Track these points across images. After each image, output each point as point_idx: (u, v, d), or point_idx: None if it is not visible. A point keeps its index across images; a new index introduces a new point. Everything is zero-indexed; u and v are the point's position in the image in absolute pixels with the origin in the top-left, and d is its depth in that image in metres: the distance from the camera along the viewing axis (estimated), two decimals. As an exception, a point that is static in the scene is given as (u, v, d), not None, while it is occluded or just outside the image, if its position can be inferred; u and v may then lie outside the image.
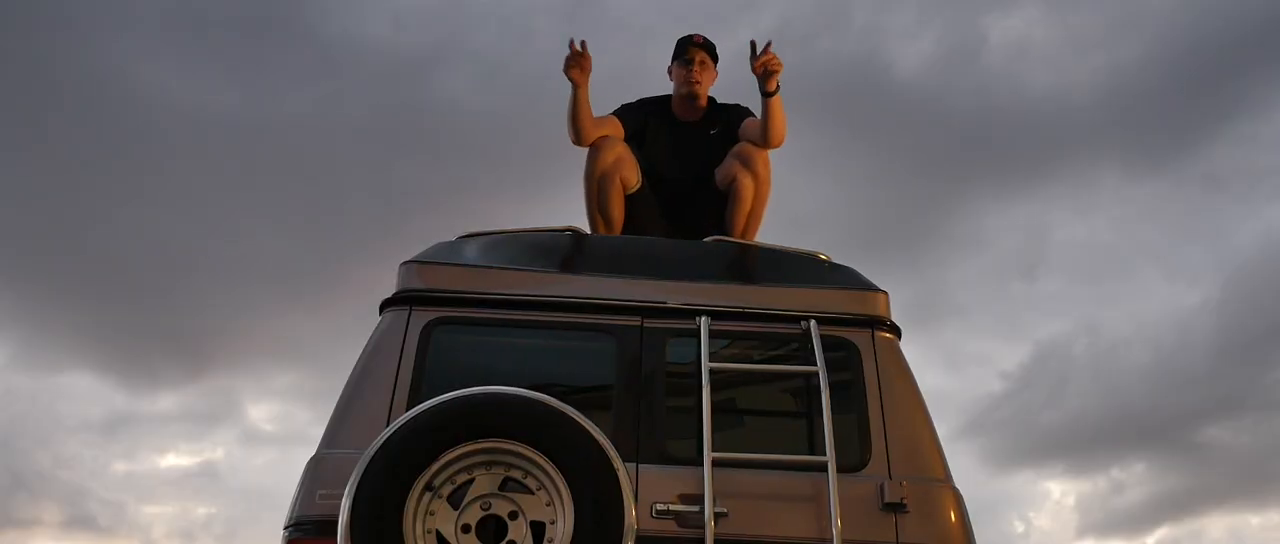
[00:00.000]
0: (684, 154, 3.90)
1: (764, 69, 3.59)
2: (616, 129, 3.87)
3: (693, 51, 3.94)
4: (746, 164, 3.73)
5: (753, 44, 3.63)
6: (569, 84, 3.69)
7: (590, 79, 3.72)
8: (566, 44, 3.67)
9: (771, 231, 3.91)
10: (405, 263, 3.12)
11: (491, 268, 3.12)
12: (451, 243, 3.29)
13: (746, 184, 3.72)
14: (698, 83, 3.92)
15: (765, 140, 3.74)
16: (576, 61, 3.67)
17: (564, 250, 3.32)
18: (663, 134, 3.91)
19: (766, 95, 3.62)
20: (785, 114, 3.70)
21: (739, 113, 3.95)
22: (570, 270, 3.14)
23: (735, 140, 3.90)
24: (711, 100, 4.01)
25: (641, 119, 3.94)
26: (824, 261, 3.30)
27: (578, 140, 3.80)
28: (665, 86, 4.08)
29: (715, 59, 4.00)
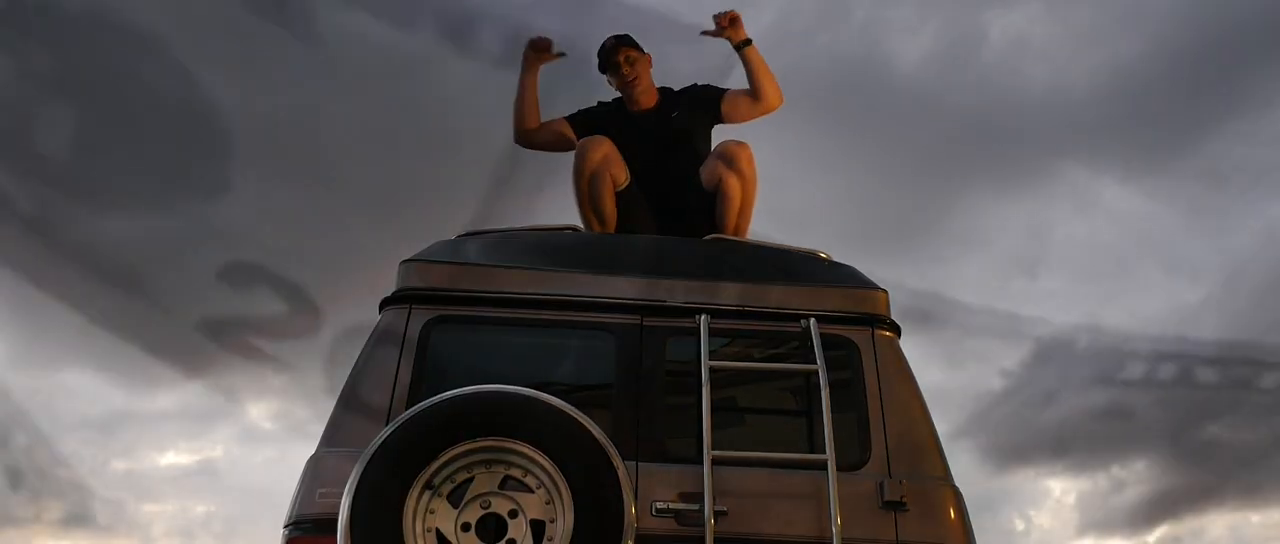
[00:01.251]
0: (652, 144, 3.90)
1: (729, 22, 3.65)
2: (566, 131, 3.91)
3: (616, 54, 3.96)
4: (730, 163, 3.71)
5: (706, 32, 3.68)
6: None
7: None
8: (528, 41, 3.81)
9: (770, 229, 3.90)
10: (405, 261, 3.12)
11: (491, 266, 3.12)
12: (451, 242, 3.29)
13: (732, 183, 3.71)
14: (634, 77, 3.95)
15: (759, 98, 3.79)
16: (537, 45, 3.79)
17: (563, 249, 3.32)
18: (624, 130, 3.91)
19: (742, 47, 3.67)
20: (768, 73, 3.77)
21: (705, 92, 3.97)
22: (569, 269, 3.14)
23: (706, 118, 3.93)
24: (663, 91, 4.02)
25: (598, 121, 3.95)
26: (823, 260, 3.30)
27: (520, 130, 3.92)
28: (672, 82, 4.10)
29: (639, 47, 4.01)
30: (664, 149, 3.89)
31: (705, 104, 3.94)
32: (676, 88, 4.03)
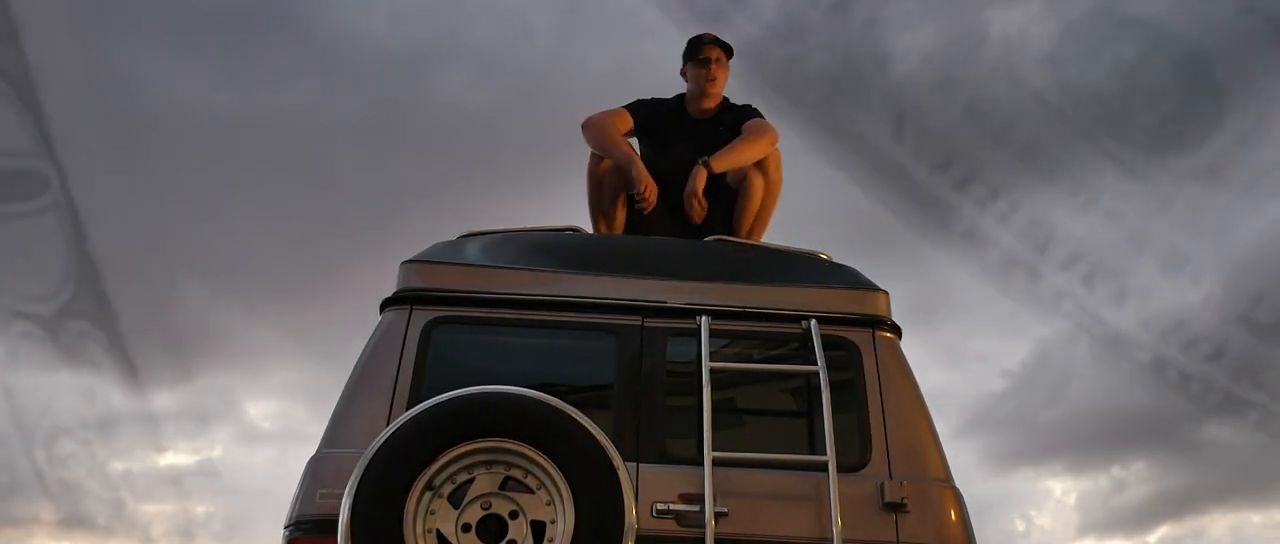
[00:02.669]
0: (695, 148, 3.91)
1: (700, 200, 3.68)
2: (626, 122, 3.89)
3: (708, 50, 3.95)
4: (758, 164, 3.74)
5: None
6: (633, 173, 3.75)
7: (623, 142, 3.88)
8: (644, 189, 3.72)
9: (771, 229, 3.92)
10: (405, 262, 3.12)
11: (492, 267, 3.12)
12: (452, 242, 3.29)
13: (757, 183, 3.73)
14: (714, 80, 3.94)
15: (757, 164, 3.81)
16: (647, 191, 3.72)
17: (564, 250, 3.32)
18: (678, 131, 3.92)
19: (712, 171, 3.70)
20: (742, 144, 3.79)
21: (748, 113, 3.97)
22: (571, 270, 3.14)
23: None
24: (724, 99, 4.03)
25: (656, 115, 3.95)
26: (824, 261, 3.31)
27: (597, 146, 3.88)
28: (668, 81, 4.11)
29: (730, 56, 4.01)
30: (703, 154, 3.90)
31: (740, 123, 3.95)
32: (736, 102, 4.05)
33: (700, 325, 2.94)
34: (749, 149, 3.76)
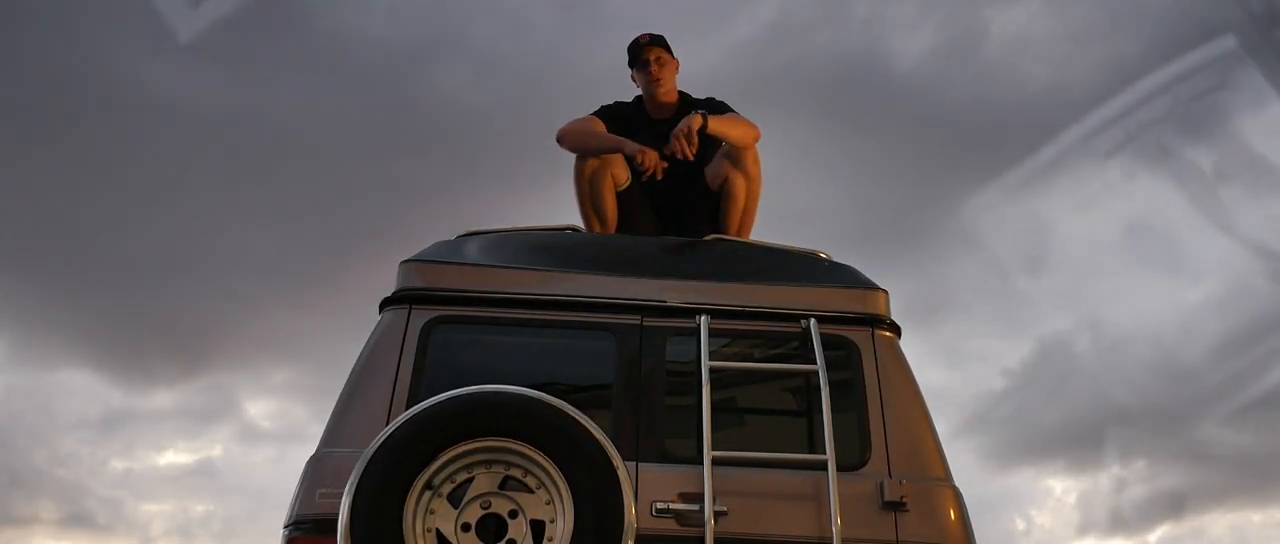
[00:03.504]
0: (664, 146, 3.92)
1: (685, 136, 3.59)
2: (599, 125, 3.93)
3: (647, 52, 3.97)
4: (736, 163, 3.74)
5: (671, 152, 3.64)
6: (631, 152, 3.72)
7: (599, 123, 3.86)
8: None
9: (771, 229, 3.92)
10: (405, 262, 3.12)
11: (491, 267, 3.13)
12: (451, 242, 3.30)
13: (738, 183, 3.74)
14: (659, 80, 3.96)
15: (739, 151, 3.78)
16: (646, 159, 3.69)
17: (564, 249, 3.33)
18: (640, 135, 3.93)
19: (704, 131, 3.63)
20: (733, 120, 3.76)
21: (713, 107, 3.98)
22: (570, 269, 3.14)
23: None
24: (683, 95, 4.04)
25: (620, 118, 3.97)
26: (824, 260, 3.31)
27: (575, 149, 3.86)
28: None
29: (670, 50, 4.02)
30: (673, 152, 3.90)
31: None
32: (696, 95, 4.05)
33: (700, 325, 2.94)
34: (739, 126, 3.77)
